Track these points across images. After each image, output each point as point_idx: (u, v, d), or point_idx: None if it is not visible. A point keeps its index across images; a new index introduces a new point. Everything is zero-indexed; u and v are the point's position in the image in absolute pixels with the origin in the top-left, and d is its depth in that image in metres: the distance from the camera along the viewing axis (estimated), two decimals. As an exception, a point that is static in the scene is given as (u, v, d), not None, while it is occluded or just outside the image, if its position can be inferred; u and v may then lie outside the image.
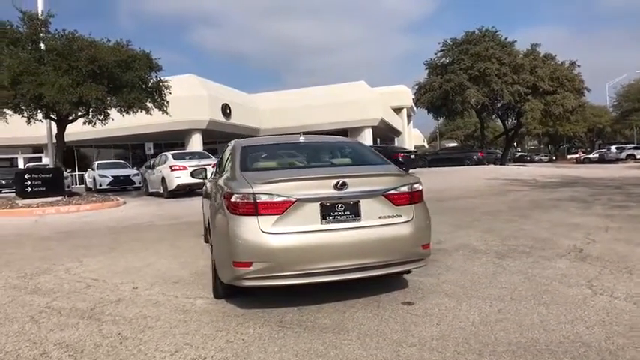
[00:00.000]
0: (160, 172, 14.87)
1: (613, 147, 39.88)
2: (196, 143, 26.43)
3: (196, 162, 13.86)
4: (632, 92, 46.32)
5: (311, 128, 27.05)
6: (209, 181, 5.24)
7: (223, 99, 27.70)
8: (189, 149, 24.64)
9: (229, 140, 5.08)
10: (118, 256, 5.78)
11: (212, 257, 3.87)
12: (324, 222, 3.23)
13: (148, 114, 15.08)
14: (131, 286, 4.31)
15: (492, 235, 6.00)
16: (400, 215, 3.40)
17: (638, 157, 35.63)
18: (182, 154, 15.83)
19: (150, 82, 14.73)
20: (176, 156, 15.14)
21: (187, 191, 14.18)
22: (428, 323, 3.09)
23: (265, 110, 31.70)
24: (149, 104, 14.74)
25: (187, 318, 3.37)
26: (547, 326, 2.95)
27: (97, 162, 21.81)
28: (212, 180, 4.95)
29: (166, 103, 15.15)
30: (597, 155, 40.10)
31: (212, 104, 26.40)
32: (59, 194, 13.60)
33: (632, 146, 39.58)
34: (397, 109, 42.83)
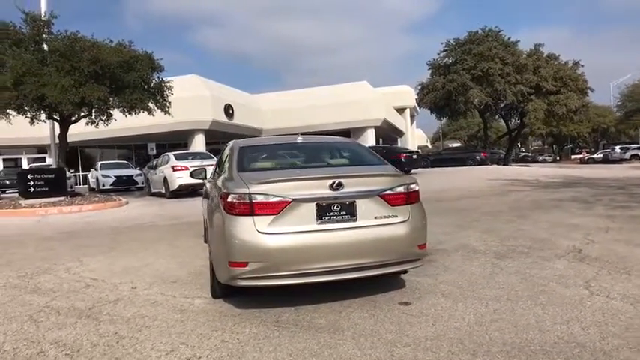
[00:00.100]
0: (162, 173, 14.93)
1: (617, 147, 39.65)
2: (199, 144, 26.48)
3: (198, 162, 13.89)
4: (636, 92, 46.01)
5: (313, 128, 27.06)
6: (208, 182, 5.26)
7: (226, 99, 27.75)
8: (192, 150, 24.71)
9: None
10: (118, 256, 5.82)
11: (210, 257, 3.90)
12: (320, 222, 3.24)
13: (150, 114, 15.11)
14: (130, 286, 4.33)
15: (492, 236, 5.99)
16: (396, 215, 3.41)
17: None
18: (184, 155, 15.87)
19: (152, 83, 14.77)
20: (178, 156, 15.19)
21: (189, 191, 14.21)
22: (423, 323, 3.10)
23: (268, 110, 31.73)
24: (151, 105, 14.78)
25: (184, 317, 3.39)
26: (542, 327, 2.95)
27: (100, 162, 21.89)
28: (211, 180, 4.97)
29: (168, 104, 15.19)
30: (601, 155, 39.96)
31: (215, 105, 26.45)
32: (62, 194, 13.67)
33: (636, 146, 39.33)
34: (400, 110, 42.78)
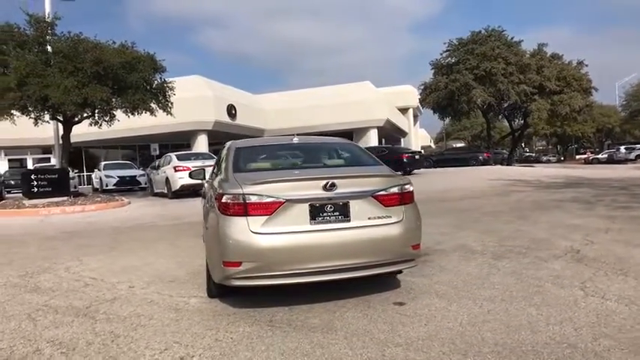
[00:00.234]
0: (165, 173, 15.00)
1: (622, 147, 39.36)
2: (202, 144, 26.56)
3: (201, 163, 13.91)
4: (641, 92, 45.79)
5: (316, 129, 27.05)
6: (207, 182, 5.29)
7: (229, 100, 27.81)
8: (194, 150, 24.79)
9: (235, 141, 5.09)
10: (118, 256, 5.86)
11: (206, 257, 3.92)
12: (313, 222, 3.26)
13: (153, 115, 15.18)
14: (127, 285, 4.37)
15: (490, 236, 5.98)
16: (390, 216, 3.42)
17: None
18: (186, 155, 15.93)
19: (154, 84, 14.85)
20: (180, 157, 15.25)
21: (191, 192, 14.26)
22: (416, 323, 3.11)
23: (270, 111, 31.77)
24: (153, 105, 14.86)
25: (179, 317, 3.42)
26: (535, 327, 2.96)
27: (104, 162, 22.02)
28: (209, 181, 5.00)
29: (170, 105, 15.26)
30: (606, 155, 39.66)
31: (218, 105, 26.51)
32: (65, 194, 13.78)
33: (641, 146, 39.05)
34: (403, 110, 42.69)
